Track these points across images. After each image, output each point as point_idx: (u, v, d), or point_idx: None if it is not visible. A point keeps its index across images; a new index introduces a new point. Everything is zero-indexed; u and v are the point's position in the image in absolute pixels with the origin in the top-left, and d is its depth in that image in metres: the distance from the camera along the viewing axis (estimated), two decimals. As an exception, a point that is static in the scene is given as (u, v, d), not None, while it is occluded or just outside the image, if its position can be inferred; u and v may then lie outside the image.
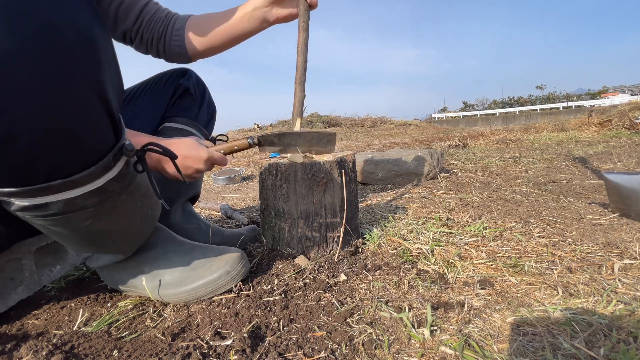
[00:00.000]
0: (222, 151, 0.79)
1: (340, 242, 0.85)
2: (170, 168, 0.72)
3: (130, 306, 0.70)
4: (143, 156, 0.54)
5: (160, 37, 0.88)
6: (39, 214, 0.46)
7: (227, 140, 0.88)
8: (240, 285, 0.70)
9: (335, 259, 0.83)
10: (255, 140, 0.81)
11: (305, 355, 0.50)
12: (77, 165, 0.44)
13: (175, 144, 0.73)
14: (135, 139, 0.69)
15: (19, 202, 0.44)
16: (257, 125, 13.37)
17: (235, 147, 0.81)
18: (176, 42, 0.88)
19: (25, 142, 0.39)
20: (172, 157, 0.57)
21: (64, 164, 0.43)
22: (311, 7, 0.84)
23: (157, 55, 0.92)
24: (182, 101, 0.96)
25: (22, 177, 0.42)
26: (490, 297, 0.65)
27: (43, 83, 0.37)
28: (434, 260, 0.81)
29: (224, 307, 0.64)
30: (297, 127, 0.87)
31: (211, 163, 0.76)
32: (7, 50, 0.34)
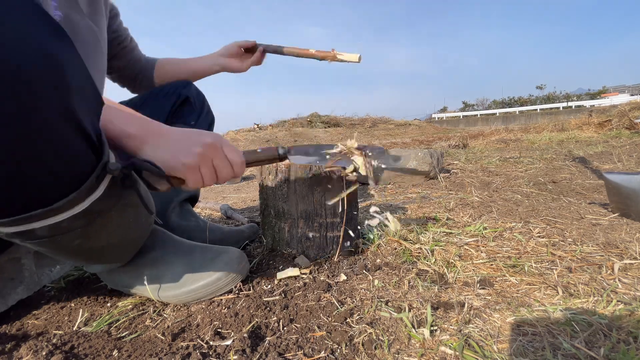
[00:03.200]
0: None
1: (340, 242, 0.85)
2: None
3: (130, 306, 0.70)
4: (129, 173, 0.50)
5: (136, 76, 1.09)
6: (25, 238, 0.45)
7: None
8: (240, 286, 0.70)
9: (335, 259, 0.83)
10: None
11: (305, 355, 0.50)
12: (56, 193, 0.42)
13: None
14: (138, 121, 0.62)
15: (2, 230, 0.43)
16: (257, 125, 13.35)
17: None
18: (147, 79, 1.09)
19: None
20: (161, 174, 0.53)
21: (41, 194, 0.41)
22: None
23: (130, 88, 1.12)
24: (183, 109, 1.00)
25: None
26: (490, 297, 0.65)
27: (6, 121, 0.35)
28: (434, 260, 0.81)
29: (224, 307, 0.64)
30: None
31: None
32: None
